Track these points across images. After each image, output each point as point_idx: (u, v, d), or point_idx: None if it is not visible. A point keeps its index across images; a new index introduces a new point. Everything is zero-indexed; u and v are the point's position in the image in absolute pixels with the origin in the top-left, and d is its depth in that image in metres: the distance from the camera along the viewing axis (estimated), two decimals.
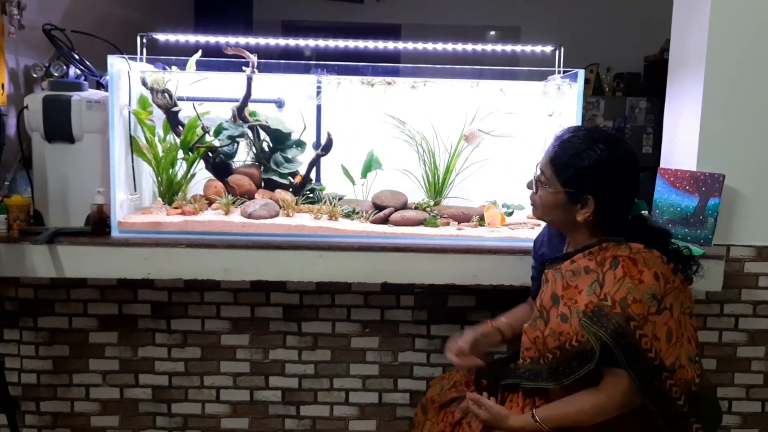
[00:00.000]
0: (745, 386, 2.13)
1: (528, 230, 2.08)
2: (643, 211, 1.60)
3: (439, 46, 2.25)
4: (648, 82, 5.15)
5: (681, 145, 2.14)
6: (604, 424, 1.49)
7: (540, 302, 1.60)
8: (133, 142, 2.13)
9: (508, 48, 2.22)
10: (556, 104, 2.18)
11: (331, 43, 2.28)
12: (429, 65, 2.20)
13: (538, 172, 1.57)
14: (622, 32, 5.25)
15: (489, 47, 2.24)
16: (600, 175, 1.50)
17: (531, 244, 1.92)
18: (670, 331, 1.45)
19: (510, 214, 2.20)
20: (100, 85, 2.26)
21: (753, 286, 2.08)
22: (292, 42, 2.30)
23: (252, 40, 2.22)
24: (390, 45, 2.29)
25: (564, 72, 2.09)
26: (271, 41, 2.27)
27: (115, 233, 1.99)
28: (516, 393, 1.62)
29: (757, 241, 2.06)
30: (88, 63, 2.21)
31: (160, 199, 2.24)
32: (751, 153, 2.02)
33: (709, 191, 2.00)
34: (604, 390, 1.48)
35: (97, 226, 1.99)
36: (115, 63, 2.00)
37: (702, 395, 1.49)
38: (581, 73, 1.96)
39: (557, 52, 2.07)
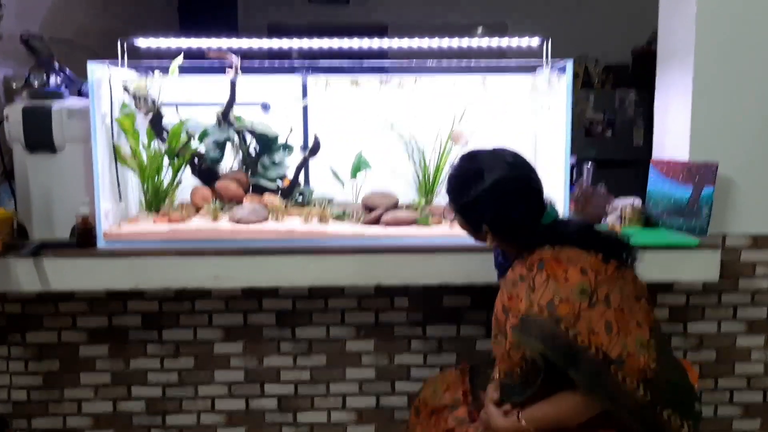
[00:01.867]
0: (745, 376, 2.14)
1: None
2: (557, 213, 1.60)
3: (425, 43, 2.23)
4: (636, 74, 5.13)
5: (672, 135, 2.14)
6: (589, 423, 1.48)
7: (495, 317, 1.60)
8: (116, 151, 2.10)
9: (495, 43, 2.19)
10: (546, 97, 2.17)
11: (317, 43, 2.25)
12: (415, 62, 2.19)
13: None
14: (609, 24, 5.26)
15: (475, 43, 2.21)
16: (482, 206, 1.53)
17: None
18: (609, 323, 1.43)
19: None
20: (80, 94, 2.23)
21: (750, 275, 2.08)
22: (278, 44, 2.27)
23: (236, 43, 2.19)
24: (376, 44, 2.26)
25: (552, 64, 2.08)
26: (256, 43, 2.25)
27: (101, 244, 1.97)
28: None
29: (752, 229, 2.06)
30: (68, 71, 2.18)
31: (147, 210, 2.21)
32: (744, 140, 2.02)
33: (702, 181, 1.99)
34: (560, 399, 1.48)
35: (83, 238, 1.97)
36: (96, 70, 1.98)
37: (664, 380, 1.47)
38: (570, 64, 1.94)
39: (545, 44, 2.05)
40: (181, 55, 2.15)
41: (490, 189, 1.51)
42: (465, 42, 2.24)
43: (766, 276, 2.08)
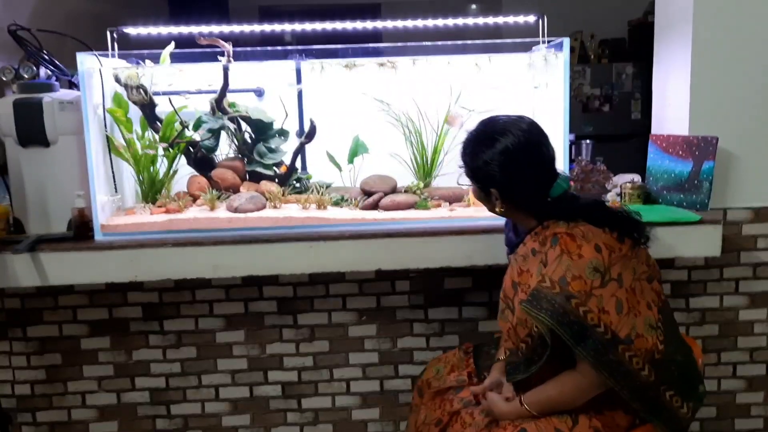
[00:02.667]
0: (748, 349, 2.15)
1: None
2: (569, 186, 1.59)
3: (419, 23, 2.21)
4: (633, 47, 5.14)
5: (671, 109, 2.13)
6: (590, 403, 1.49)
7: (503, 292, 1.60)
8: (109, 142, 2.10)
9: (490, 20, 2.17)
10: (543, 75, 2.15)
11: (309, 26, 2.24)
12: (410, 43, 2.17)
13: None
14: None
15: (470, 21, 2.20)
16: (495, 168, 1.52)
17: None
18: (619, 302, 1.44)
19: None
20: (72, 85, 2.22)
21: (752, 248, 2.08)
22: (269, 27, 2.25)
23: (227, 28, 2.17)
24: (369, 25, 2.25)
25: (548, 42, 2.06)
26: (247, 28, 2.23)
27: (98, 237, 1.97)
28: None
29: (753, 202, 2.06)
30: (58, 62, 2.16)
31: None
32: (744, 113, 2.01)
33: (702, 155, 1.98)
34: (579, 369, 1.47)
35: (80, 231, 1.97)
36: (86, 61, 1.96)
37: (670, 361, 1.48)
38: (566, 42, 1.92)
39: (540, 21, 2.03)
40: (172, 43, 2.12)
41: (500, 153, 1.51)
42: (460, 21, 2.22)
43: (767, 248, 2.09)
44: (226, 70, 2.11)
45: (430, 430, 1.66)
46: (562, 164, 1.99)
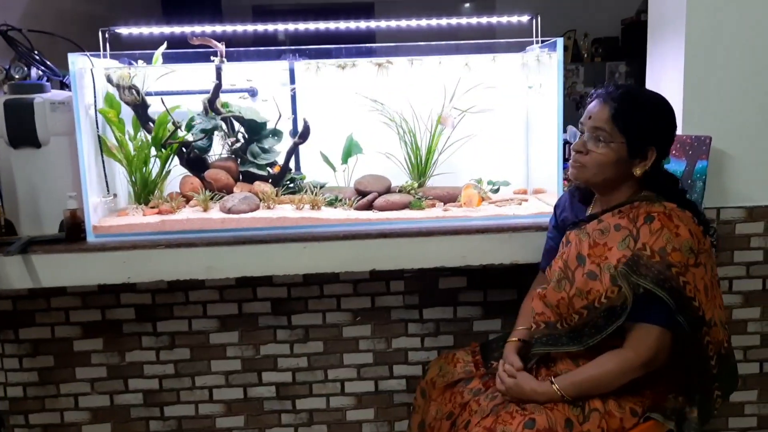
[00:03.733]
0: (742, 348, 2.14)
1: (515, 207, 2.07)
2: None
3: (413, 22, 2.21)
4: (626, 46, 5.20)
5: None
6: (625, 386, 1.53)
7: (563, 263, 1.63)
8: (102, 143, 2.09)
9: (484, 20, 2.18)
10: (537, 75, 2.16)
11: (303, 26, 2.23)
12: (404, 43, 2.18)
13: (593, 131, 1.58)
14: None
15: (464, 20, 2.20)
16: (660, 125, 1.57)
17: (519, 221, 1.97)
18: (706, 287, 1.49)
19: (496, 190, 2.20)
20: (64, 86, 2.20)
21: (745, 248, 2.08)
22: (263, 27, 2.26)
23: (220, 28, 2.17)
24: (363, 24, 2.25)
25: (542, 41, 2.06)
26: (241, 28, 2.23)
27: (90, 238, 1.97)
28: (537, 367, 1.68)
29: (746, 201, 2.05)
30: (49, 63, 2.14)
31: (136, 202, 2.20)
32: (737, 112, 2.00)
33: (696, 154, 1.97)
34: (630, 346, 1.51)
35: (72, 232, 1.97)
36: (77, 61, 1.96)
37: (727, 359, 1.55)
38: (560, 42, 1.92)
39: (534, 21, 2.04)
40: (165, 43, 2.12)
41: (668, 112, 1.59)
42: (454, 20, 2.23)
43: (760, 247, 2.08)
44: (219, 70, 2.11)
45: (442, 425, 1.67)
46: (556, 163, 2.03)
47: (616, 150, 1.55)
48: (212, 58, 2.11)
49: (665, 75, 2.12)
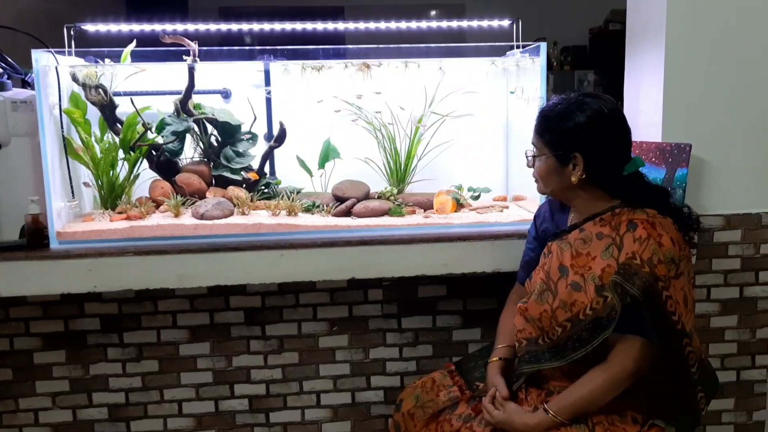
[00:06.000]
0: (719, 356, 2.19)
1: (497, 214, 2.09)
2: (643, 164, 1.67)
3: (392, 25, 2.26)
4: (594, 55, 5.41)
5: (644, 116, 2.15)
6: (603, 411, 1.55)
7: (545, 275, 1.65)
8: (67, 144, 2.06)
9: (464, 24, 2.22)
10: (516, 80, 2.19)
11: (277, 26, 2.25)
12: (381, 45, 2.20)
13: (531, 147, 1.66)
14: (566, 5, 5.39)
15: (445, 24, 2.25)
16: (583, 131, 1.58)
17: (501, 228, 1.99)
18: (686, 297, 1.53)
19: (477, 197, 2.22)
20: (26, 84, 2.19)
21: (723, 256, 2.13)
22: (232, 27, 2.29)
23: (191, 27, 2.18)
24: (340, 26, 2.29)
25: (524, 46, 2.10)
26: (214, 27, 2.25)
27: (54, 245, 1.96)
28: (525, 388, 1.68)
29: (725, 209, 2.11)
30: (10, 60, 2.12)
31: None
32: (717, 120, 2.06)
33: (676, 162, 1.99)
34: (615, 361, 1.53)
35: (33, 238, 1.95)
36: (41, 58, 1.95)
37: (706, 364, 1.60)
38: (543, 46, 1.97)
39: (515, 25, 2.08)
40: (134, 41, 2.10)
41: (591, 115, 1.59)
42: (424, 24, 2.28)
43: (737, 255, 2.14)
44: (191, 69, 2.10)
45: None
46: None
47: (546, 162, 1.63)
48: (184, 57, 2.10)
49: (644, 84, 2.16)
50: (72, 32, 2.07)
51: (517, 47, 2.15)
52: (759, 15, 2.03)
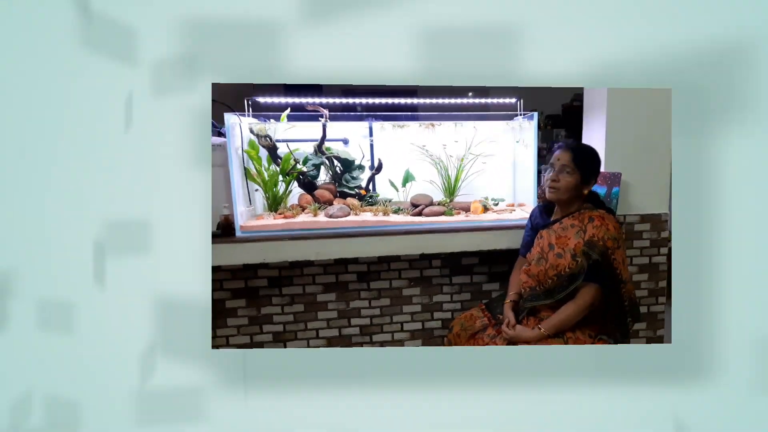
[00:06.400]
0: (638, 298, 2.53)
1: (509, 214, 2.53)
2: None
3: (447, 100, 2.73)
4: (565, 120, 6.30)
5: None
6: (582, 321, 1.87)
7: (540, 249, 1.94)
8: (246, 172, 2.51)
9: (490, 100, 2.85)
10: (520, 134, 2.70)
11: (373, 100, 2.78)
12: (439, 113, 2.63)
13: (562, 168, 1.88)
14: (549, 90, 5.81)
15: (478, 100, 2.80)
16: (596, 165, 1.92)
17: (514, 223, 2.42)
18: (623, 260, 1.83)
19: (496, 204, 2.67)
20: (220, 134, 2.55)
21: (639, 238, 2.61)
22: (349, 101, 2.74)
23: (324, 100, 2.58)
24: (413, 101, 2.78)
25: (524, 114, 2.59)
26: (336, 100, 2.66)
27: (238, 233, 2.33)
28: (527, 317, 1.96)
29: (640, 211, 2.57)
30: (213, 121, 2.30)
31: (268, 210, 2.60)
32: (635, 159, 2.50)
33: (612, 183, 2.47)
34: (581, 297, 1.84)
35: (226, 230, 2.36)
36: (230, 119, 2.32)
37: (634, 300, 1.90)
38: (536, 115, 2.48)
39: (518, 102, 2.60)
40: (288, 108, 2.54)
41: (598, 156, 1.90)
42: (465, 100, 2.80)
43: (648, 238, 2.58)
44: (324, 126, 2.57)
45: None
46: (532, 187, 2.49)
47: (575, 179, 1.88)
48: (320, 118, 2.54)
49: (594, 137, 2.59)
50: (249, 102, 2.44)
51: (520, 115, 2.59)
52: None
